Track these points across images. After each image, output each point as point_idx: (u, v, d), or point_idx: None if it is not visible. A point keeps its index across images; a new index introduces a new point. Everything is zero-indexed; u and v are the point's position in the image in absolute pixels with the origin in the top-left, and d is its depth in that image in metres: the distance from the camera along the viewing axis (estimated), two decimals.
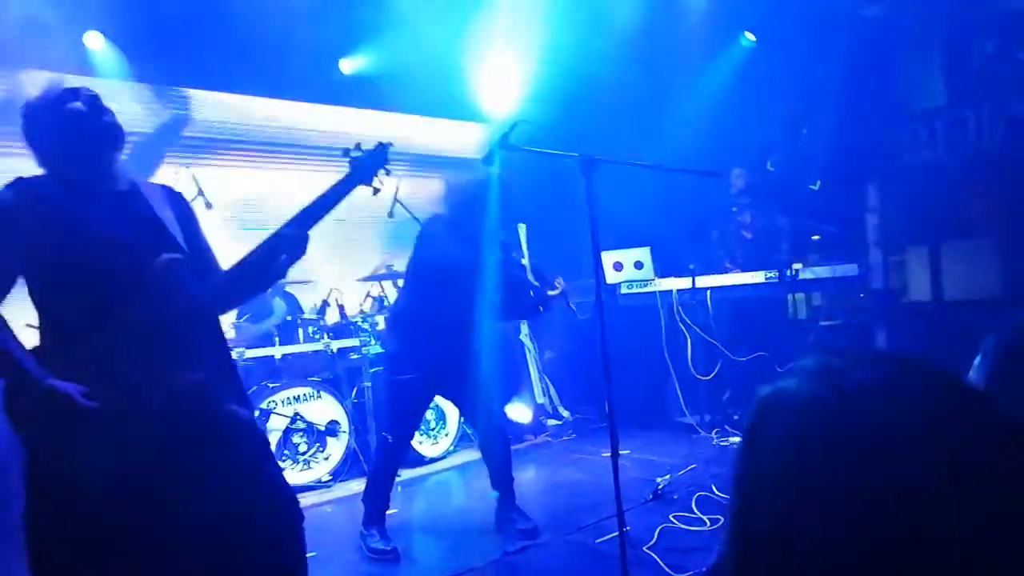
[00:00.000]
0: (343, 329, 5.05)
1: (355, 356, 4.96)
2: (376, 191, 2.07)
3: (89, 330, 1.77)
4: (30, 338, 1.80)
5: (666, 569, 2.84)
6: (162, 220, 1.96)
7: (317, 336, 4.86)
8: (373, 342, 4.89)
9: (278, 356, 4.68)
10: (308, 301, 5.40)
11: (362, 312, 5.37)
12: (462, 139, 7.02)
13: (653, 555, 2.99)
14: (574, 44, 5.83)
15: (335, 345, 4.85)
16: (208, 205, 4.54)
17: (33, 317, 1.84)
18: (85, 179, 1.90)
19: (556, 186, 5.57)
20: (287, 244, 1.91)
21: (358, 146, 2.06)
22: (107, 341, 1.77)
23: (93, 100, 1.92)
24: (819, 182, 5.00)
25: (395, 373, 3.45)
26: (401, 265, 5.73)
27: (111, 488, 1.72)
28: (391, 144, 2.08)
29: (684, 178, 5.62)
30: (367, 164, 2.03)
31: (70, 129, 1.88)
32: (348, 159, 2.04)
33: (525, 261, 3.50)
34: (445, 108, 6.56)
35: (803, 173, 5.22)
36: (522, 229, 3.60)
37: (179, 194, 2.12)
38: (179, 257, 1.89)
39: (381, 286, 5.46)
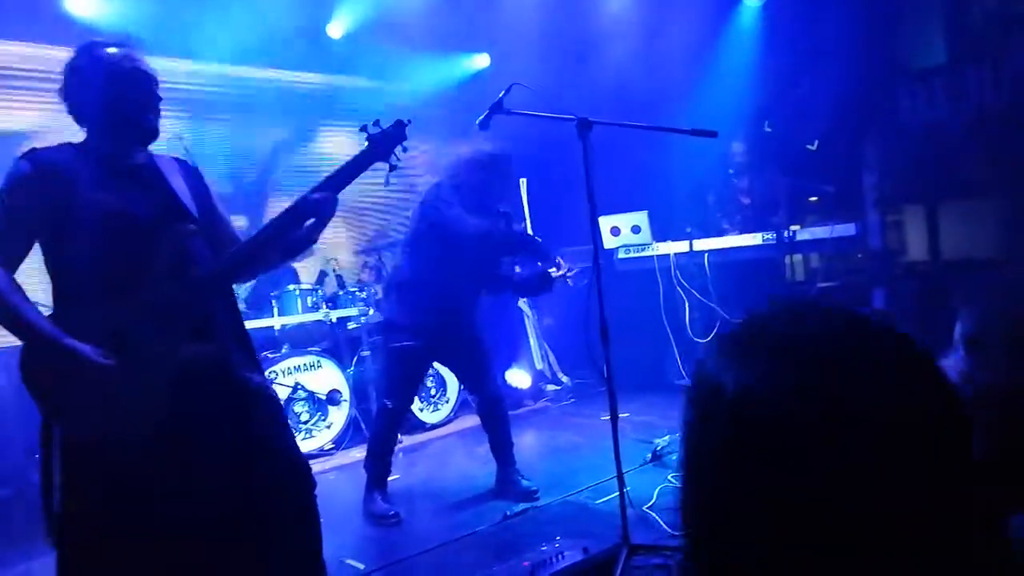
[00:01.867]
0: (341, 299, 5.05)
1: (354, 325, 4.97)
2: (393, 167, 2.09)
3: (103, 299, 1.79)
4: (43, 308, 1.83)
5: (666, 528, 2.89)
6: (176, 192, 1.97)
7: (315, 306, 4.87)
8: (372, 311, 4.90)
9: (277, 326, 4.69)
10: (306, 271, 5.40)
11: (360, 281, 5.38)
12: None
13: (653, 514, 3.04)
14: (573, 5, 5.76)
15: (334, 315, 4.86)
16: None
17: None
18: (117, 145, 1.90)
19: (551, 151, 5.53)
20: (315, 207, 1.93)
21: (376, 122, 2.07)
22: (121, 311, 1.79)
23: (143, 62, 1.92)
24: (817, 142, 4.96)
25: (394, 340, 3.47)
26: (398, 235, 5.75)
27: (129, 450, 1.77)
28: (410, 121, 2.09)
29: (681, 141, 5.58)
30: (385, 141, 2.05)
31: (128, 90, 1.87)
32: (366, 134, 2.05)
33: (528, 229, 3.50)
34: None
35: (801, 133, 5.17)
36: (523, 184, 3.56)
37: (193, 166, 2.13)
38: (193, 228, 1.91)
39: (379, 255, 5.45)
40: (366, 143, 2.05)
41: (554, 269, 3.39)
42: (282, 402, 4.37)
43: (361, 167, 2.04)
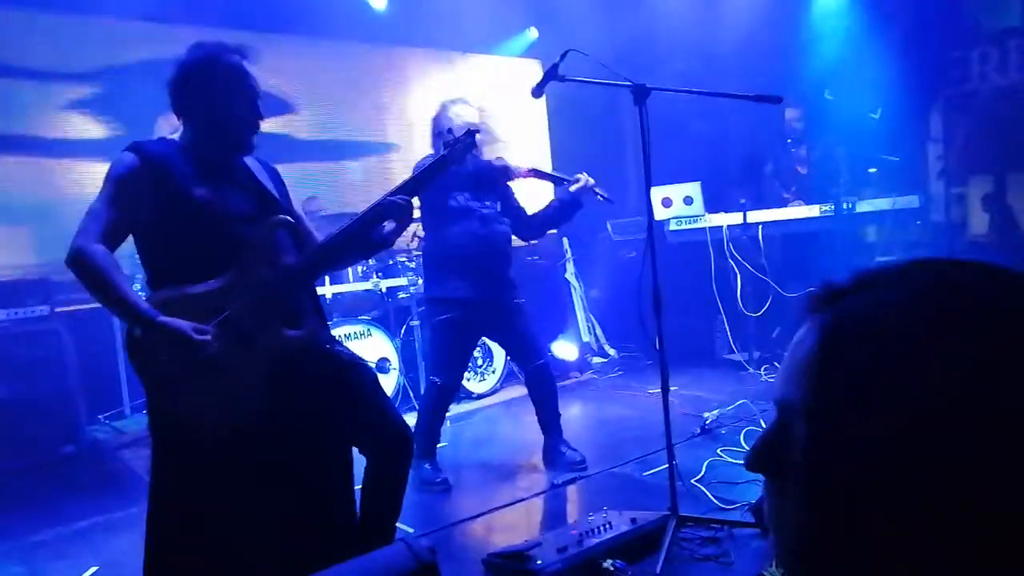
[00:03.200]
0: (391, 268, 5.09)
1: (403, 295, 5.02)
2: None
3: (204, 285, 1.88)
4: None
5: (714, 501, 2.86)
6: (268, 189, 2.08)
7: (366, 275, 4.92)
8: (420, 281, 4.93)
9: (328, 295, 4.76)
10: None
11: (410, 251, 5.41)
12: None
13: (701, 487, 3.01)
14: None
15: (384, 284, 4.90)
16: None
17: None
18: (216, 149, 1.99)
19: (602, 119, 5.46)
20: (396, 211, 2.05)
21: (450, 131, 2.30)
22: (218, 298, 1.88)
23: (255, 77, 2.02)
24: (880, 110, 4.77)
25: (437, 316, 3.47)
26: None
27: (224, 428, 1.85)
28: (479, 130, 2.34)
29: (735, 110, 5.44)
30: (458, 148, 2.24)
31: (239, 94, 1.96)
32: (443, 143, 2.27)
33: (531, 168, 3.44)
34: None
35: (863, 101, 4.98)
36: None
37: (276, 169, 2.23)
38: (288, 220, 2.01)
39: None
40: (443, 150, 2.24)
41: (575, 185, 3.34)
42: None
43: (437, 171, 2.23)
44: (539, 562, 2.28)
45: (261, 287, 1.90)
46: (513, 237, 3.59)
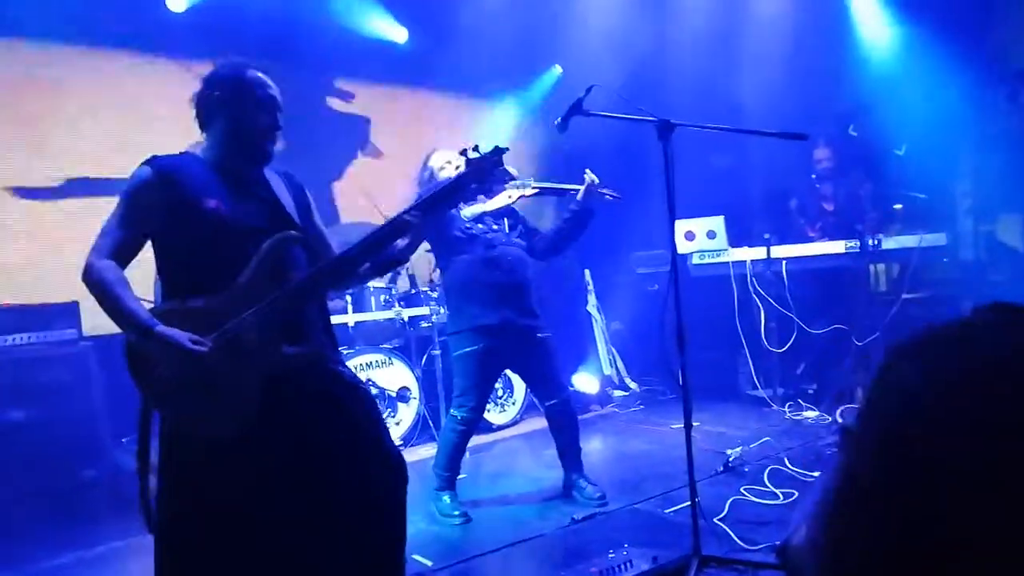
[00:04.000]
0: (413, 298, 5.12)
1: (425, 324, 5.03)
2: (489, 192, 2.18)
3: (207, 298, 1.89)
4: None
5: (738, 541, 2.80)
6: (282, 202, 2.08)
7: (388, 304, 4.94)
8: (442, 310, 4.94)
9: (351, 323, 4.78)
10: None
11: (432, 281, 5.43)
12: None
13: (724, 526, 2.95)
14: (647, 4, 5.68)
15: (406, 313, 4.92)
16: None
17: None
18: (236, 161, 2.02)
19: (626, 153, 5.47)
20: (406, 228, 2.01)
21: (476, 147, 2.18)
22: (221, 311, 1.87)
23: (276, 89, 2.05)
24: (905, 146, 4.74)
25: (458, 349, 3.46)
26: None
27: (226, 442, 1.85)
28: (507, 149, 2.19)
29: (760, 146, 5.46)
30: (483, 165, 2.14)
31: (262, 109, 2.00)
32: (465, 159, 2.17)
33: (535, 184, 3.42)
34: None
35: (888, 137, 4.96)
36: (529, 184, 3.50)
37: (297, 180, 2.23)
38: (296, 235, 2.01)
39: None
40: (466, 166, 2.16)
41: (581, 189, 3.32)
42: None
43: (458, 189, 2.14)
44: None
45: (265, 302, 1.89)
46: (531, 259, 3.54)
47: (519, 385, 5.20)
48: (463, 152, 2.15)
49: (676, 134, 2.51)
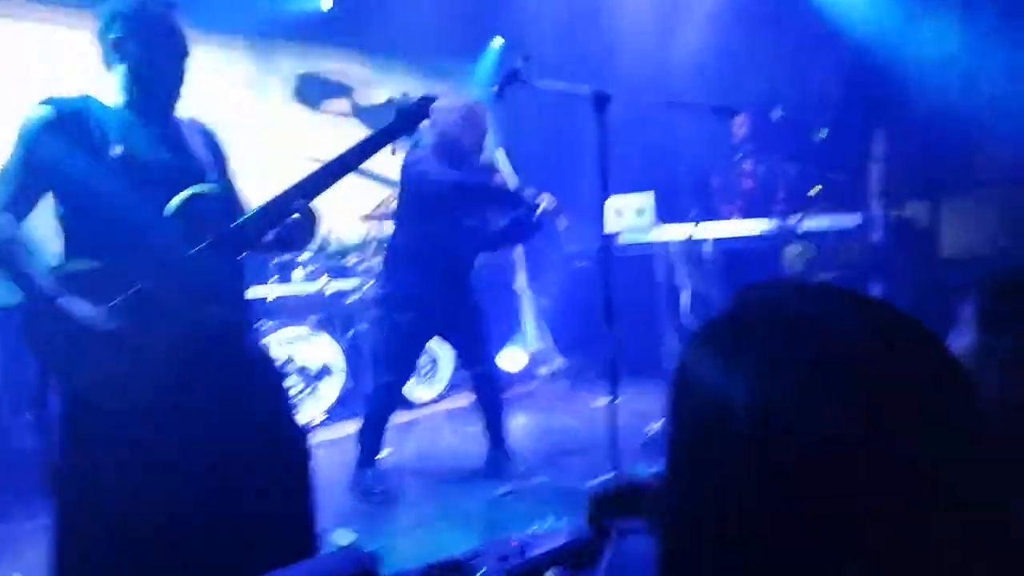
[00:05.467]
0: (340, 270, 4.98)
1: (351, 298, 4.91)
2: (416, 144, 2.07)
3: (116, 256, 1.74)
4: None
5: None
6: (196, 154, 1.93)
7: (313, 276, 4.79)
8: (371, 283, 4.84)
9: (271, 297, 4.62)
10: None
11: (361, 252, 5.30)
12: None
13: None
14: None
15: (332, 287, 4.79)
16: None
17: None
18: (143, 103, 1.86)
19: (557, 126, 5.47)
20: (292, 215, 1.87)
21: (404, 95, 2.08)
22: (133, 269, 1.74)
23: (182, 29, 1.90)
24: (826, 130, 4.89)
25: (392, 313, 3.41)
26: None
27: (132, 410, 1.73)
28: (436, 97, 2.08)
29: (690, 123, 5.53)
30: (413, 116, 2.03)
31: (168, 46, 1.85)
32: (395, 109, 2.03)
33: (510, 179, 3.41)
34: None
35: (812, 120, 5.10)
36: (500, 154, 3.49)
37: (212, 132, 2.07)
38: (211, 190, 1.86)
39: (381, 225, 5.37)
40: (394, 116, 2.03)
41: (541, 206, 3.33)
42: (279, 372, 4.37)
43: (386, 139, 2.01)
44: (479, 573, 2.23)
45: (178, 261, 1.77)
46: None
47: (444, 362, 5.15)
48: (389, 101, 2.06)
49: (611, 107, 2.49)
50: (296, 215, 1.88)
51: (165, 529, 1.77)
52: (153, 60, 1.83)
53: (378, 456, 3.47)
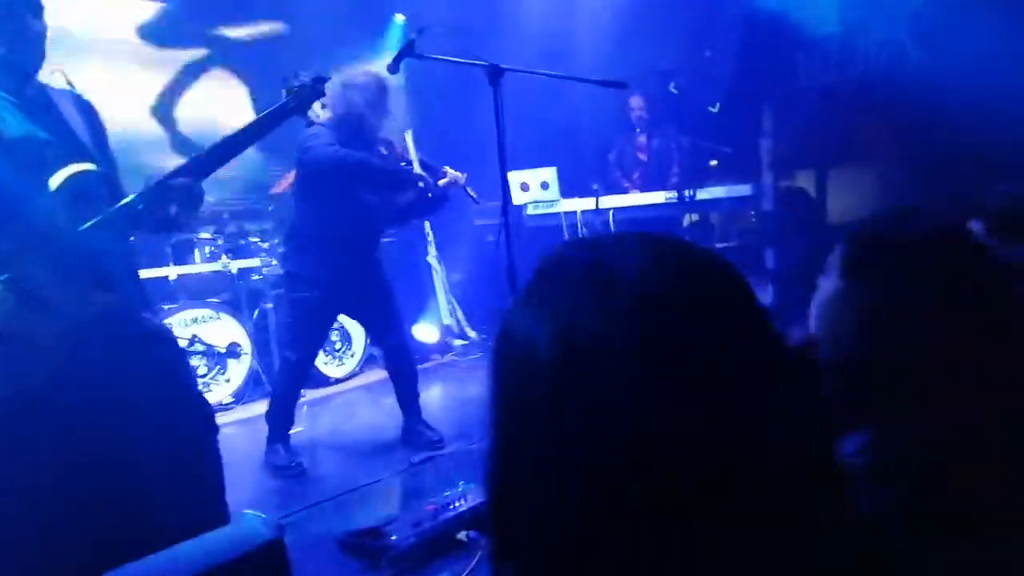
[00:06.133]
0: (243, 249, 4.88)
1: (256, 277, 4.83)
2: (311, 123, 2.07)
3: None
4: None
5: None
6: (73, 128, 1.85)
7: (215, 256, 4.68)
8: (274, 262, 4.76)
9: (172, 276, 4.49)
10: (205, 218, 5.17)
11: (263, 231, 5.20)
12: None
13: None
14: None
15: (234, 265, 4.69)
16: None
17: None
18: (11, 78, 1.77)
19: (462, 100, 5.48)
20: (177, 196, 1.84)
21: (296, 75, 2.03)
22: (19, 254, 1.68)
23: None
24: (718, 104, 5.13)
25: (295, 292, 3.40)
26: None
27: (27, 393, 1.68)
28: (329, 78, 2.08)
29: (588, 98, 5.67)
30: (306, 96, 2.02)
31: (28, 18, 1.75)
32: (287, 89, 2.01)
33: (412, 155, 3.42)
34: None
35: (705, 95, 5.33)
36: (408, 136, 3.50)
37: (89, 103, 1.98)
38: (92, 168, 1.80)
39: (282, 204, 5.27)
40: (284, 95, 2.02)
41: (443, 179, 3.38)
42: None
43: (278, 120, 1.99)
44: (393, 537, 2.31)
45: (63, 244, 1.72)
46: None
47: (358, 337, 5.15)
48: (284, 79, 2.02)
49: (513, 85, 2.55)
50: (183, 195, 1.84)
51: (66, 516, 1.74)
52: (15, 26, 1.74)
53: (289, 432, 3.47)
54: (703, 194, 5.00)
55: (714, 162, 5.59)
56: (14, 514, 1.72)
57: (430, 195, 3.40)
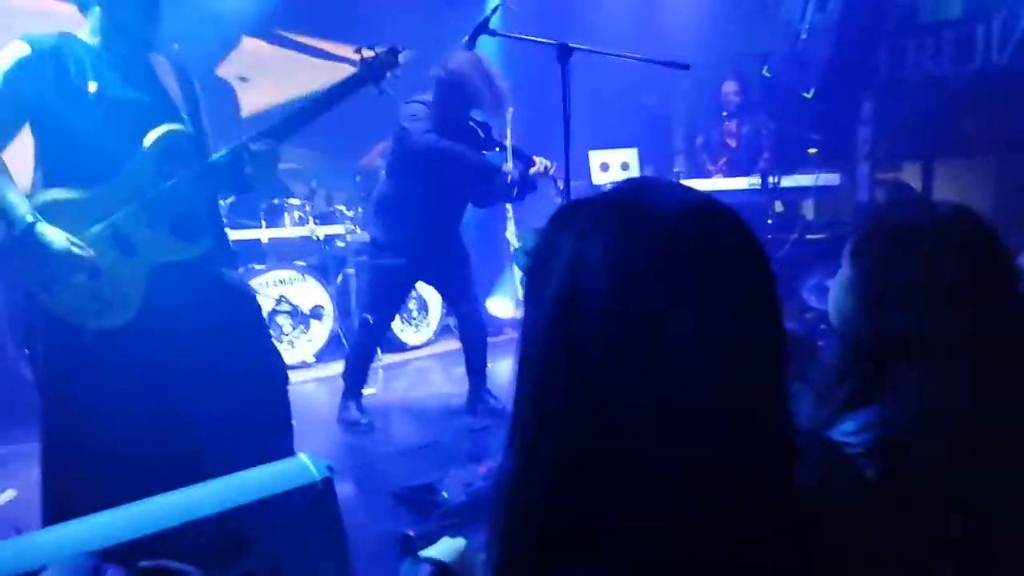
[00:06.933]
0: (329, 216, 5.10)
1: (341, 243, 5.04)
2: (383, 93, 2.09)
3: (90, 187, 1.86)
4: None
5: None
6: (168, 92, 2.01)
7: (303, 221, 4.92)
8: (358, 230, 4.95)
9: (264, 239, 4.75)
10: (296, 186, 5.42)
11: (349, 199, 5.41)
12: None
13: None
14: None
15: (321, 231, 4.91)
16: None
17: None
18: (118, 42, 1.93)
19: (547, 78, 5.50)
20: (253, 158, 1.93)
21: (371, 46, 2.06)
22: (104, 203, 1.85)
23: None
24: (813, 90, 4.93)
25: (378, 258, 3.54)
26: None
27: (108, 333, 1.86)
28: (404, 48, 2.08)
29: (682, 82, 5.58)
30: (379, 66, 2.03)
31: None
32: (360, 58, 2.04)
33: (507, 143, 3.45)
34: None
35: (800, 80, 5.13)
36: (508, 116, 3.52)
37: (187, 71, 2.13)
38: (183, 129, 1.95)
39: (368, 174, 5.46)
40: (360, 65, 2.05)
41: (533, 168, 3.41)
42: (265, 314, 4.49)
43: (351, 90, 2.04)
44: (445, 494, 2.41)
45: (152, 195, 1.87)
46: None
47: (434, 306, 5.29)
48: (358, 49, 2.06)
49: (600, 67, 2.52)
50: (258, 158, 1.95)
51: (142, 443, 1.90)
52: (125, 9, 1.91)
53: (363, 391, 3.64)
54: (788, 181, 4.84)
55: (813, 150, 5.39)
56: (107, 428, 1.90)
57: (519, 184, 3.45)
